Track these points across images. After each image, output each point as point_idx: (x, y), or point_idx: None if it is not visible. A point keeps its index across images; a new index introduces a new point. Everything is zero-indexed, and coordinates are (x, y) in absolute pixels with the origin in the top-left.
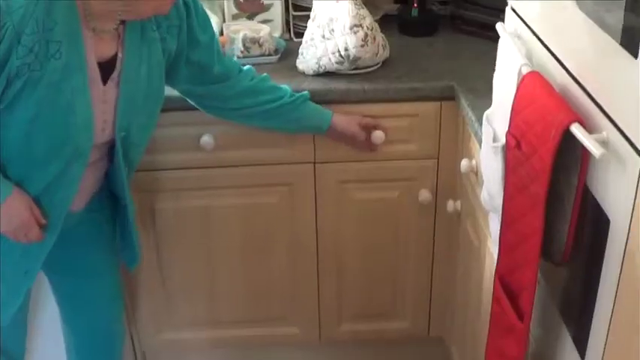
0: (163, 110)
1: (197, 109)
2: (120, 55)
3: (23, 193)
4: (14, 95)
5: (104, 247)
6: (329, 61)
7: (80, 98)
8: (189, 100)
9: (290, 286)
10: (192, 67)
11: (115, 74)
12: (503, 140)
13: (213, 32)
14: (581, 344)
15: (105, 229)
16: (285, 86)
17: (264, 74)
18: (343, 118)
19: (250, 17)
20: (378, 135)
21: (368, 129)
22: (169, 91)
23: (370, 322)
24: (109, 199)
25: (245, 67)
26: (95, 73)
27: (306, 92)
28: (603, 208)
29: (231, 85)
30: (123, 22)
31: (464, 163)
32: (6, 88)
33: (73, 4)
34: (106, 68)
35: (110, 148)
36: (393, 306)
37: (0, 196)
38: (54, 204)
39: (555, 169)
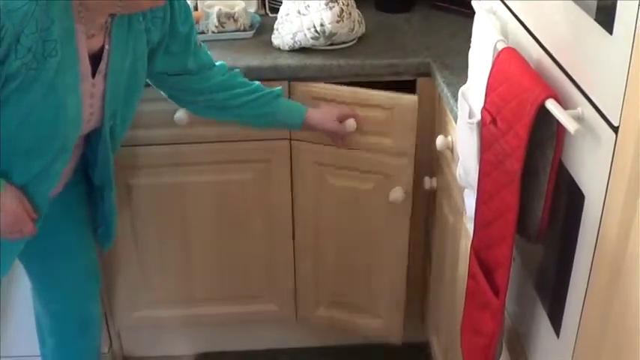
0: None
1: None
2: (107, 47)
3: (14, 188)
4: (8, 93)
5: (78, 227)
6: (304, 37)
7: (72, 94)
8: (162, 92)
9: (267, 264)
10: (170, 57)
11: (102, 67)
12: (478, 116)
13: (193, 24)
14: (556, 320)
15: (78, 210)
16: (256, 82)
17: (236, 70)
18: (319, 115)
19: None
20: (350, 123)
21: (343, 119)
22: None
23: (346, 313)
24: (84, 179)
25: (218, 63)
26: (87, 69)
27: (278, 88)
28: (578, 183)
29: (204, 79)
30: (112, 14)
31: (439, 139)
32: (1, 87)
33: (69, 2)
34: (94, 61)
35: (89, 134)
36: (368, 302)
37: None
38: (37, 196)
39: (531, 145)
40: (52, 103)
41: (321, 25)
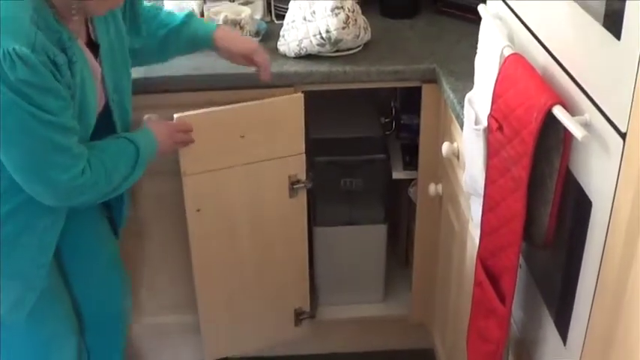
0: None
1: None
2: (90, 27)
3: (152, 124)
4: None
5: (99, 215)
6: (310, 44)
7: (91, 86)
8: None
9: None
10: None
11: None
12: (485, 123)
13: None
14: (562, 327)
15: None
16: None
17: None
18: (226, 43)
19: None
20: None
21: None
22: None
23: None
24: None
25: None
26: (93, 61)
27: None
28: (585, 190)
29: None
30: None
31: (445, 146)
32: None
33: (52, 17)
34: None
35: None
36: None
37: (152, 140)
38: None
39: (537, 152)
40: (81, 101)
41: (327, 31)
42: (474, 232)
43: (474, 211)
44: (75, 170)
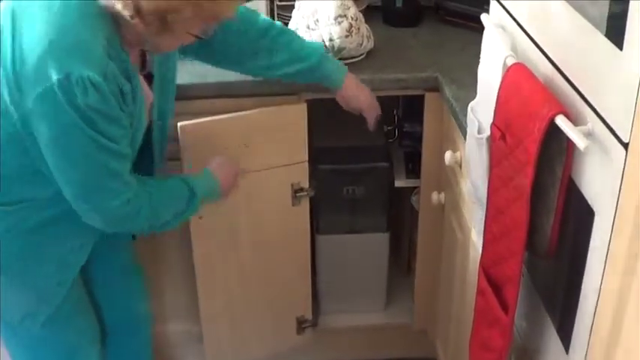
0: None
1: None
2: (148, 57)
3: (210, 164)
4: None
5: None
6: None
7: (143, 114)
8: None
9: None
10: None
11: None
12: (487, 132)
13: None
14: (565, 337)
15: None
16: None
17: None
18: (353, 88)
19: None
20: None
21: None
22: None
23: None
24: None
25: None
26: (146, 88)
27: (319, 51)
28: (588, 200)
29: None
30: None
31: (448, 155)
32: None
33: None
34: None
35: None
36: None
37: (214, 188)
38: None
39: (540, 161)
40: (135, 127)
41: (330, 39)
42: (477, 241)
43: (477, 219)
44: (123, 197)
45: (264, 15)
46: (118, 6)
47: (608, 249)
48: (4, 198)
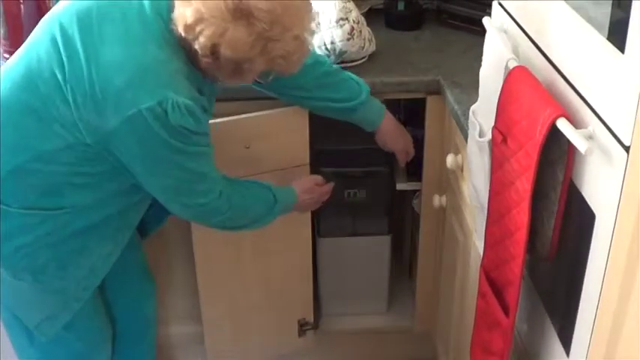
0: None
1: None
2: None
3: (297, 184)
4: None
5: None
6: None
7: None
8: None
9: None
10: None
11: None
12: (489, 135)
13: None
14: (566, 339)
15: None
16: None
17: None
18: (388, 134)
19: None
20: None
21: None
22: None
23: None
24: None
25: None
26: None
27: (364, 94)
28: (589, 202)
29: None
30: None
31: (449, 158)
32: None
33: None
34: None
35: None
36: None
37: (289, 200)
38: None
39: (541, 164)
40: None
41: (332, 42)
42: (478, 244)
43: (478, 223)
44: (213, 194)
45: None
46: (197, 46)
47: (609, 252)
48: (49, 203)
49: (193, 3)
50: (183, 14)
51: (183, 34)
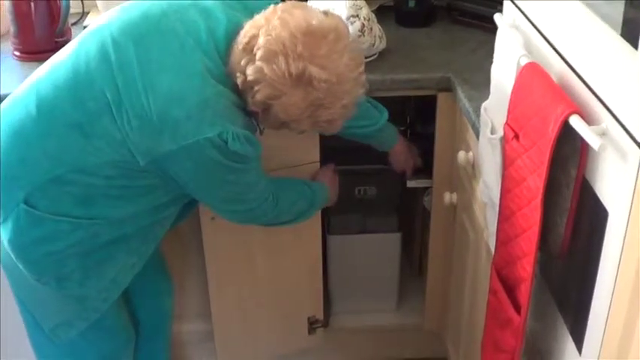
0: None
1: None
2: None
3: (322, 177)
4: None
5: None
6: None
7: None
8: None
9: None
10: None
11: None
12: (501, 132)
13: None
14: (578, 337)
15: None
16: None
17: None
18: (394, 157)
19: None
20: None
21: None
22: None
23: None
24: None
25: None
26: None
27: (384, 119)
28: (602, 200)
29: None
30: None
31: (461, 155)
32: None
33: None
34: None
35: None
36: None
37: (324, 193)
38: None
39: (553, 161)
40: None
41: None
42: (489, 241)
43: (489, 220)
44: (261, 199)
45: None
46: (249, 99)
47: (622, 249)
48: (84, 212)
49: (257, 61)
50: (243, 68)
51: (240, 87)
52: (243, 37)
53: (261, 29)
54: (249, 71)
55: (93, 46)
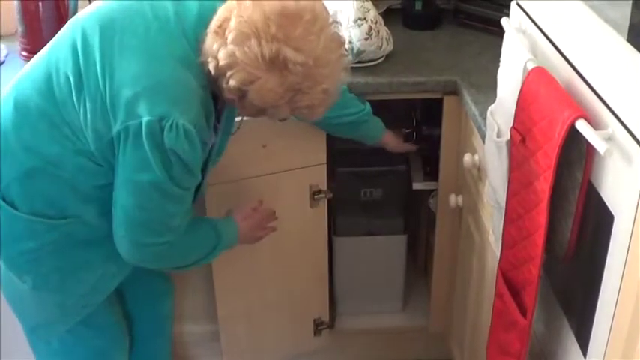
0: None
1: None
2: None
3: (237, 213)
4: None
5: None
6: None
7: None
8: None
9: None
10: None
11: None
12: (507, 136)
13: None
14: (583, 340)
15: None
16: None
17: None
18: (392, 139)
19: None
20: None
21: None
22: None
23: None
24: None
25: None
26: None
27: (368, 106)
28: (607, 204)
29: None
30: None
31: (466, 158)
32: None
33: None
34: None
35: None
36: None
37: (234, 237)
38: None
39: (560, 165)
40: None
41: (350, 42)
42: (495, 244)
43: (495, 222)
44: (162, 239)
45: None
46: (224, 85)
47: (627, 253)
48: (54, 212)
49: (228, 45)
50: (215, 53)
51: (212, 73)
52: (215, 21)
53: (233, 11)
54: (221, 55)
55: (67, 36)
